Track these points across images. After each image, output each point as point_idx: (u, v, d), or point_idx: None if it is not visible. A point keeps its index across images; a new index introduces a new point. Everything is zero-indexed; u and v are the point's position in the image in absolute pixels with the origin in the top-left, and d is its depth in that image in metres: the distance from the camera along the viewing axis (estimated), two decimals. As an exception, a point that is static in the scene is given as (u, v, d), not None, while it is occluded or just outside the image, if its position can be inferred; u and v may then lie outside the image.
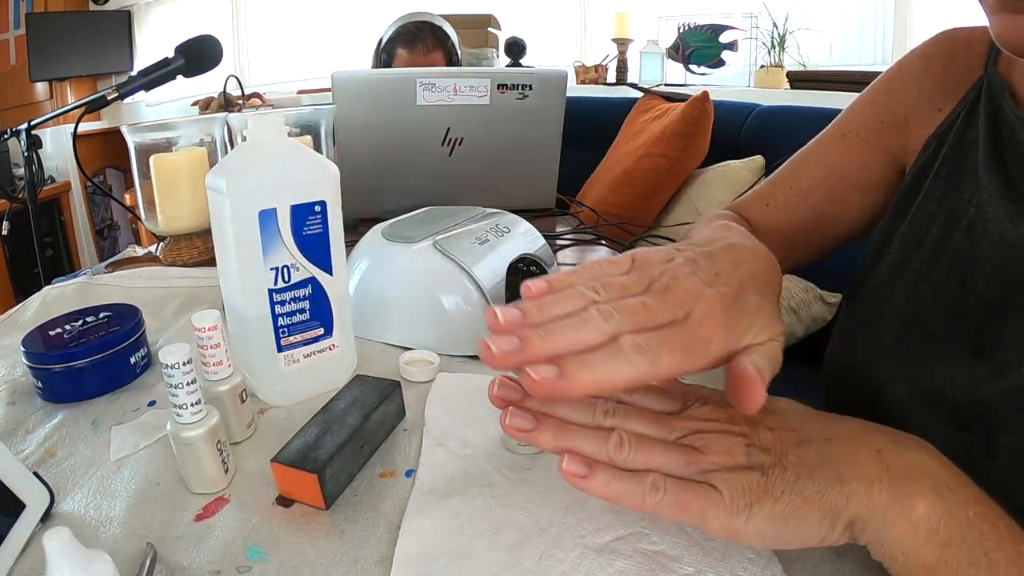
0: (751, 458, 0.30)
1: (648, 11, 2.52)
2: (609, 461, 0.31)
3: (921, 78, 0.54)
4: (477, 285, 0.57)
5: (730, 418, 0.33)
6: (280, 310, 0.49)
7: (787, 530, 0.29)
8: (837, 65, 2.20)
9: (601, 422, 0.32)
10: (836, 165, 0.59)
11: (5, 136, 1.01)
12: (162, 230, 0.83)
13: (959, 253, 0.46)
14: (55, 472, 0.43)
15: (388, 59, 1.54)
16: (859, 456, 0.30)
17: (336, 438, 0.41)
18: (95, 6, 3.18)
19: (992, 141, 0.46)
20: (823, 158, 0.60)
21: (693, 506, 0.29)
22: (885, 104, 0.56)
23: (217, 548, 0.36)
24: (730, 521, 0.29)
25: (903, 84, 0.55)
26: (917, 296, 0.48)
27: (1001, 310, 0.43)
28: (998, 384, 0.41)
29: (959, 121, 0.50)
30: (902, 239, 0.51)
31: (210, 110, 2.54)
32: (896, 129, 0.55)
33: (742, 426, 0.32)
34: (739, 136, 1.68)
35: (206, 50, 0.97)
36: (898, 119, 0.55)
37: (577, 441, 0.31)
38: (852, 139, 0.58)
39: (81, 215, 2.99)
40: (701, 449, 0.31)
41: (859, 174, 0.57)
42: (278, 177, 0.47)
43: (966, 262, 0.46)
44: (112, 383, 0.53)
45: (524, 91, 0.94)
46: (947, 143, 0.50)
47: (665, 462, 0.31)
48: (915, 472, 0.29)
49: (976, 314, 0.44)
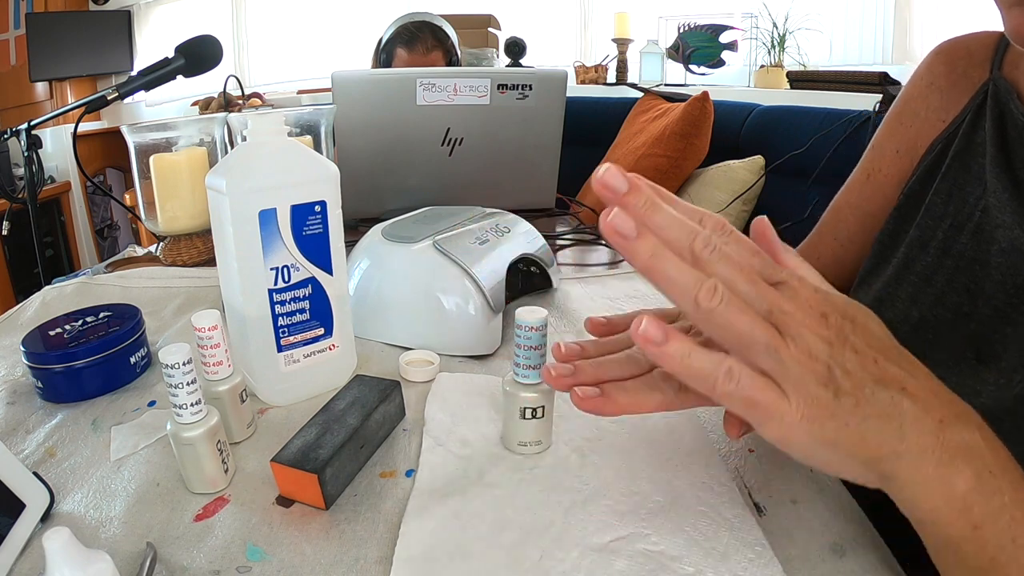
0: (830, 374, 0.28)
1: (648, 11, 2.52)
2: (693, 306, 0.28)
3: (928, 96, 0.54)
4: (477, 285, 0.57)
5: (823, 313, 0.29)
6: (280, 310, 0.49)
7: (834, 458, 0.29)
8: (837, 65, 2.20)
9: (699, 252, 0.29)
10: (868, 206, 0.60)
11: (5, 136, 1.01)
12: (162, 230, 0.83)
13: (965, 257, 0.46)
14: (55, 472, 0.43)
15: (388, 59, 1.54)
16: (923, 421, 0.29)
17: (336, 438, 0.40)
18: (95, 6, 3.18)
19: (999, 143, 0.46)
20: (857, 207, 0.61)
21: (759, 408, 0.28)
22: (899, 132, 0.57)
23: (217, 548, 0.36)
24: (787, 433, 0.28)
25: (913, 109, 0.56)
26: (922, 299, 0.48)
27: (1009, 316, 0.43)
28: (1005, 392, 0.41)
29: (965, 124, 0.50)
30: (908, 243, 0.51)
31: (210, 110, 2.54)
32: (911, 153, 0.56)
33: (832, 330, 0.29)
34: (739, 136, 1.68)
35: (206, 50, 0.97)
36: (911, 143, 0.55)
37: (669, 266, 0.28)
38: (877, 177, 0.59)
39: (81, 215, 2.99)
40: (786, 336, 0.28)
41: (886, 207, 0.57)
42: (278, 177, 0.47)
43: (973, 265, 0.46)
44: (112, 383, 0.53)
45: (524, 91, 0.94)
46: (953, 146, 0.50)
47: (748, 332, 0.28)
48: (965, 451, 0.29)
49: (983, 319, 0.44)
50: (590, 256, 0.88)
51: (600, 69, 2.51)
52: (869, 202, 0.60)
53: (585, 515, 0.38)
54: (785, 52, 2.14)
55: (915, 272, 0.49)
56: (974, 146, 0.49)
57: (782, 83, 2.05)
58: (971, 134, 0.49)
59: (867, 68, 1.75)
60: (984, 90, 0.49)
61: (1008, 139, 0.46)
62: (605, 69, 2.51)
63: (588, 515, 0.38)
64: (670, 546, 0.35)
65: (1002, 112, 0.47)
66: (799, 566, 0.35)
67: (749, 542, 0.35)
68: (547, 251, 0.71)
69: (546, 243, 0.71)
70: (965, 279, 0.46)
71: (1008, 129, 0.46)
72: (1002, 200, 0.44)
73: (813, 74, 1.93)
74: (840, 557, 0.35)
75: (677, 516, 0.37)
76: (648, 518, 0.37)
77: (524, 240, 0.68)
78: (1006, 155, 0.46)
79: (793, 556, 0.35)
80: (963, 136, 0.50)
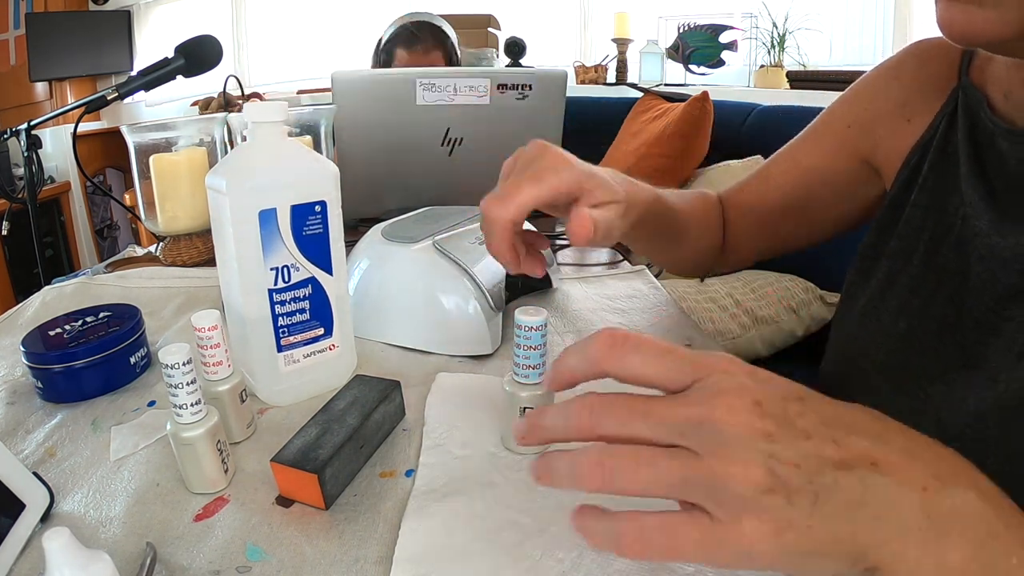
0: (773, 477, 0.24)
1: (648, 11, 2.52)
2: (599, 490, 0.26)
3: (890, 85, 0.56)
4: (477, 285, 0.57)
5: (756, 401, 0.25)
6: (280, 310, 0.49)
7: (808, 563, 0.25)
8: (837, 65, 2.20)
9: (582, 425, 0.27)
10: (804, 159, 0.62)
11: (5, 136, 1.01)
12: (162, 230, 0.83)
13: (948, 269, 0.46)
14: (55, 472, 0.43)
15: (387, 59, 1.54)
16: (903, 497, 0.25)
17: (336, 438, 0.40)
18: (95, 6, 3.18)
19: (972, 153, 0.46)
20: (797, 153, 0.63)
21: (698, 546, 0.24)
22: (854, 108, 0.59)
23: (217, 548, 0.36)
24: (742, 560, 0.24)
25: (873, 90, 0.57)
26: (908, 311, 0.48)
27: (991, 323, 0.43)
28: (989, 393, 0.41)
29: (939, 135, 0.50)
30: (890, 255, 0.51)
31: (210, 110, 2.53)
32: (862, 133, 0.57)
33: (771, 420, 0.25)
34: (739, 136, 1.68)
35: (206, 50, 0.97)
36: (864, 123, 0.57)
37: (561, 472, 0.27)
38: (820, 139, 0.61)
39: (81, 215, 2.99)
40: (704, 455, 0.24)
41: (826, 169, 0.60)
42: (278, 177, 0.47)
43: (955, 277, 0.46)
44: (112, 383, 0.53)
45: (524, 91, 0.94)
46: (928, 158, 0.50)
47: (654, 484, 0.25)
48: (959, 519, 0.25)
49: (967, 329, 0.44)
50: (590, 256, 0.88)
51: (600, 69, 2.51)
52: (806, 155, 0.62)
53: (585, 515, 0.38)
54: (785, 52, 2.14)
55: (900, 284, 0.49)
56: (948, 156, 0.49)
57: (782, 83, 2.05)
58: (944, 146, 0.49)
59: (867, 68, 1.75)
60: (954, 98, 0.50)
61: (980, 148, 0.46)
62: (605, 69, 2.51)
63: (588, 515, 0.38)
64: (670, 546, 0.35)
65: (973, 123, 0.47)
66: (799, 566, 0.34)
67: (749, 542, 0.35)
68: (547, 251, 0.71)
69: (546, 243, 0.71)
70: (949, 290, 0.46)
71: (980, 138, 0.46)
72: (978, 209, 0.45)
73: (813, 74, 1.93)
74: (840, 557, 0.35)
75: (677, 516, 0.37)
76: (648, 518, 0.37)
77: (524, 240, 0.68)
78: (980, 164, 0.46)
79: (793, 556, 0.35)
80: (936, 149, 0.50)
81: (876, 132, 0.56)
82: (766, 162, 0.67)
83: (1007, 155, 0.43)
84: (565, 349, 0.29)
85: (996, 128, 0.44)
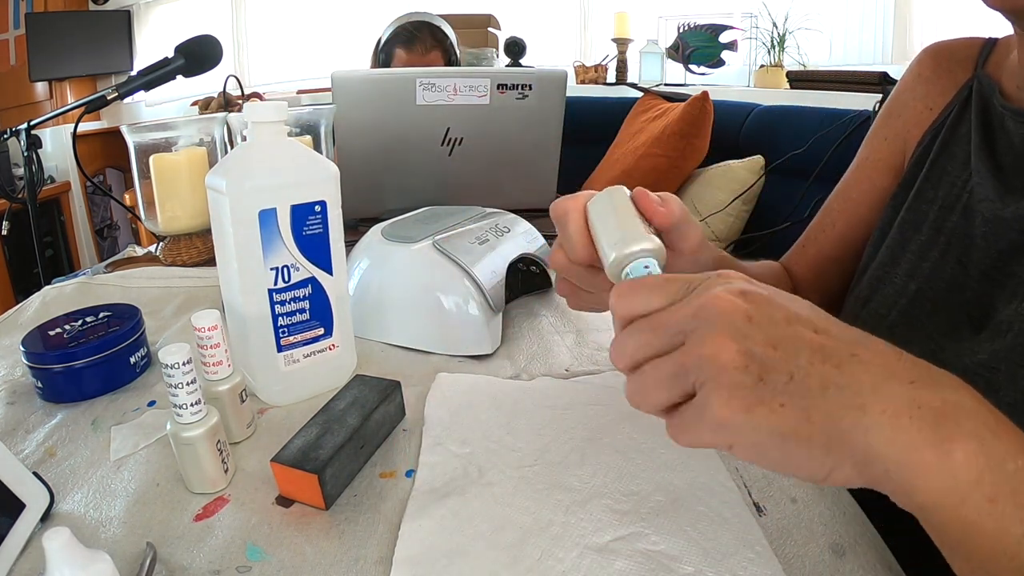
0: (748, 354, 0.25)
1: (648, 11, 2.52)
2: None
3: (915, 87, 0.59)
4: (477, 285, 0.57)
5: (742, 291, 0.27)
6: (280, 310, 0.49)
7: (790, 451, 0.25)
8: (837, 65, 2.20)
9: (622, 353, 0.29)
10: (853, 192, 0.63)
11: (5, 136, 1.01)
12: (162, 230, 0.83)
13: (956, 233, 0.50)
14: (55, 472, 0.43)
15: (387, 59, 1.54)
16: (889, 383, 0.24)
17: (336, 438, 0.41)
18: (95, 6, 3.18)
19: (983, 132, 0.50)
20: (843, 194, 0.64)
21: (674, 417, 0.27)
22: (888, 124, 0.61)
23: (217, 548, 0.36)
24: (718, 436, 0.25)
25: (903, 101, 0.60)
26: (918, 273, 0.51)
27: (996, 279, 0.46)
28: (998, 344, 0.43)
29: (951, 117, 0.54)
30: (901, 224, 0.54)
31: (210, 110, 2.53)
32: (897, 138, 0.59)
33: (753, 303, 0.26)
34: (739, 136, 1.68)
35: (206, 50, 0.96)
36: (898, 130, 0.59)
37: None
38: (865, 165, 0.62)
39: (81, 215, 2.99)
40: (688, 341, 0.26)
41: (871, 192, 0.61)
42: (278, 177, 0.47)
43: (963, 240, 0.49)
44: (112, 383, 0.53)
45: (524, 91, 0.93)
46: (940, 137, 0.54)
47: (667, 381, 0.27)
48: (952, 412, 0.24)
49: (973, 287, 0.47)
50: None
51: (600, 69, 2.51)
52: (855, 187, 0.63)
53: (585, 515, 0.38)
54: (785, 52, 2.13)
55: (910, 250, 0.52)
56: (959, 136, 0.53)
57: (782, 83, 2.05)
58: (957, 126, 0.53)
59: (867, 68, 1.75)
60: (969, 86, 0.54)
61: (991, 129, 0.50)
62: (605, 69, 2.51)
63: (588, 515, 0.38)
64: (670, 546, 0.35)
65: (986, 105, 0.51)
66: (799, 566, 0.35)
67: (749, 542, 0.35)
68: (547, 251, 0.71)
69: (546, 243, 0.71)
70: (957, 252, 0.49)
71: (991, 120, 0.50)
72: (986, 182, 0.48)
73: (813, 74, 1.93)
74: (840, 557, 0.35)
75: (677, 516, 0.37)
76: (648, 518, 0.37)
77: (524, 240, 0.68)
78: (990, 143, 0.50)
79: (793, 556, 0.35)
80: (949, 128, 0.54)
81: (906, 133, 0.59)
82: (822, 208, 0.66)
83: (1015, 134, 0.47)
84: None
85: (1006, 111, 0.48)
